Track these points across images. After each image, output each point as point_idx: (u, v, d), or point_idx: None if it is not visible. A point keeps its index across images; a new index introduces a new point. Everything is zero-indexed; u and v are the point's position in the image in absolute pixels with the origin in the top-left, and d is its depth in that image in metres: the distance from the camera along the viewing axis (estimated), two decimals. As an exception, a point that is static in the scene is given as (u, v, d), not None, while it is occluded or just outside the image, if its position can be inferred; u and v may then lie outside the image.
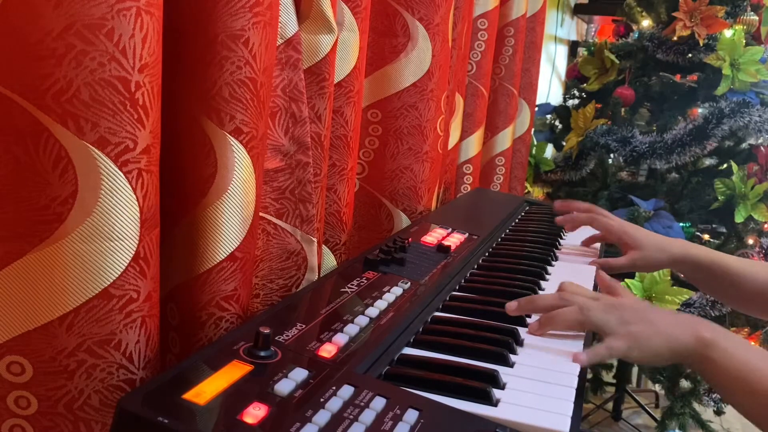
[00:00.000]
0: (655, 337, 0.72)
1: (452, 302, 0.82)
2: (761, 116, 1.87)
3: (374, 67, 1.05)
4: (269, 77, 0.65)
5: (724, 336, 0.72)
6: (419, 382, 0.60)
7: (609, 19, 3.17)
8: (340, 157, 0.90)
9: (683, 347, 0.72)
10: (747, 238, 1.95)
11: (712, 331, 0.72)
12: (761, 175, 1.95)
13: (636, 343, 0.72)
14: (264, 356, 0.54)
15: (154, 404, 0.46)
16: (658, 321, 0.74)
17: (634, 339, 0.72)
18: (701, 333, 0.71)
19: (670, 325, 0.73)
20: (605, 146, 2.01)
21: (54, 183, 0.47)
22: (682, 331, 0.72)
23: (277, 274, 0.76)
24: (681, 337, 0.72)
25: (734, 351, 0.70)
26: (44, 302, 0.49)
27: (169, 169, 0.58)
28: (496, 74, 1.73)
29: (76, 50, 0.45)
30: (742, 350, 0.71)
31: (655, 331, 0.73)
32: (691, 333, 0.72)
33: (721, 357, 0.70)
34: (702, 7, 1.90)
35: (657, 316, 0.75)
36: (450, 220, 1.11)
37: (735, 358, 0.69)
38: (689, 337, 0.72)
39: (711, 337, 0.71)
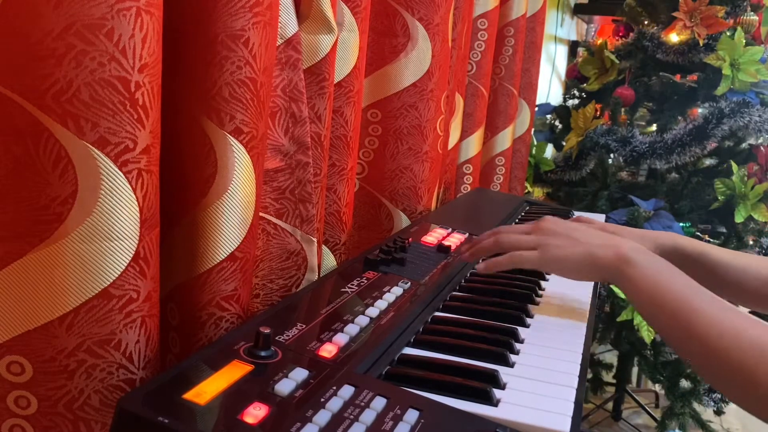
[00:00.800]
0: (572, 248, 0.74)
1: (452, 302, 0.82)
2: (761, 116, 1.87)
3: (374, 67, 1.05)
4: (269, 77, 0.65)
5: (643, 254, 0.73)
6: (419, 382, 0.60)
7: (609, 19, 3.17)
8: (340, 157, 0.90)
9: (602, 261, 0.74)
10: (747, 238, 1.95)
11: (633, 249, 0.73)
12: (761, 175, 1.95)
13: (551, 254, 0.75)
14: (264, 356, 0.54)
15: (154, 404, 0.46)
16: (581, 236, 0.76)
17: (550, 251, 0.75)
18: (621, 249, 0.73)
19: (594, 240, 0.75)
20: (605, 146, 2.01)
21: (54, 183, 0.47)
22: (603, 247, 0.74)
23: (277, 274, 0.76)
24: (601, 252, 0.74)
25: (649, 268, 0.71)
26: (44, 302, 0.49)
27: (169, 169, 0.58)
28: (496, 74, 1.73)
29: (76, 50, 0.45)
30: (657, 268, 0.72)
31: (575, 243, 0.75)
32: (612, 250, 0.73)
33: (637, 273, 0.72)
34: (702, 7, 1.90)
35: (581, 233, 0.77)
36: (450, 220, 1.11)
37: (649, 275, 0.71)
38: (610, 252, 0.73)
39: (630, 255, 0.72)
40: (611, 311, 2.01)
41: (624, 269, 0.73)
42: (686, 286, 0.71)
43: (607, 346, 2.21)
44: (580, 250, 0.75)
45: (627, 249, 0.74)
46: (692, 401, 1.97)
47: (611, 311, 2.01)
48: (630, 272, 0.73)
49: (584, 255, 0.74)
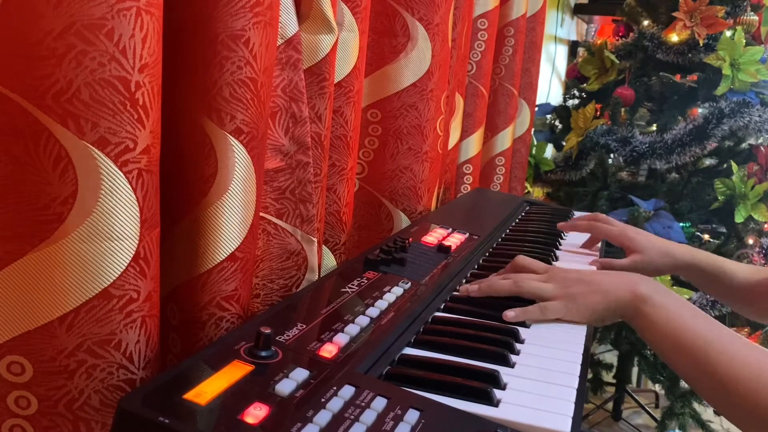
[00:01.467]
0: (593, 295, 0.75)
1: (453, 302, 0.82)
2: (761, 116, 1.87)
3: (374, 67, 1.05)
4: (269, 77, 0.65)
5: (659, 292, 0.73)
6: (420, 382, 0.60)
7: (609, 19, 3.17)
8: (340, 157, 0.90)
9: (620, 302, 0.74)
10: (747, 238, 1.95)
11: (649, 287, 0.74)
12: (761, 175, 1.95)
13: (573, 302, 0.75)
14: (265, 356, 0.54)
15: (154, 404, 0.46)
16: (598, 281, 0.77)
17: (571, 298, 0.75)
18: (638, 288, 0.73)
19: (610, 284, 0.76)
20: (605, 146, 2.01)
21: (54, 183, 0.47)
22: (620, 288, 0.75)
23: (277, 274, 0.76)
24: (618, 293, 0.74)
25: (667, 307, 0.72)
26: (44, 302, 0.49)
27: (169, 169, 0.58)
28: (496, 74, 1.73)
29: (76, 50, 0.45)
30: (675, 307, 0.72)
31: (594, 290, 0.75)
32: (628, 289, 0.74)
33: (653, 312, 0.72)
34: (702, 7, 1.90)
35: (598, 278, 0.78)
36: (450, 220, 1.11)
37: (666, 314, 0.71)
38: (626, 293, 0.74)
39: (646, 293, 0.73)
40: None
41: (641, 308, 0.73)
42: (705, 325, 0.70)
43: (607, 346, 2.21)
44: (600, 298, 0.75)
45: (643, 288, 0.74)
46: (692, 401, 1.97)
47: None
48: (647, 311, 0.73)
49: (603, 299, 0.75)
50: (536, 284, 0.78)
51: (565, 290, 0.76)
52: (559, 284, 0.78)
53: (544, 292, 0.77)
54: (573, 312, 0.75)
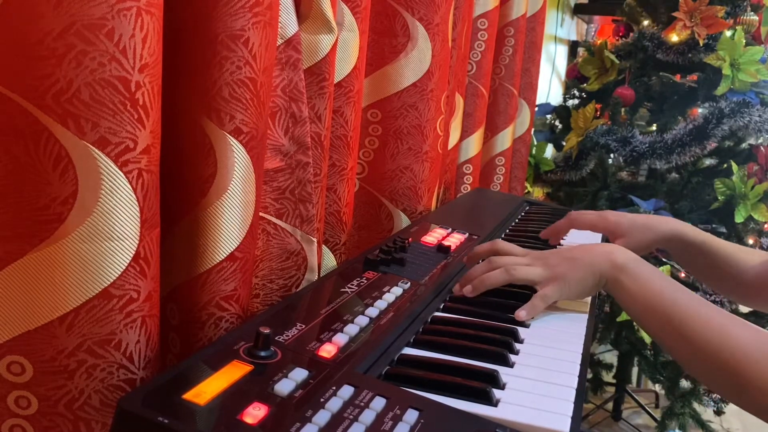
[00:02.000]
0: (579, 270, 0.78)
1: (452, 302, 0.82)
2: (761, 116, 1.87)
3: (374, 67, 1.05)
4: (269, 77, 0.65)
5: (634, 261, 0.77)
6: (419, 382, 0.60)
7: (609, 19, 3.17)
8: (340, 157, 0.90)
9: (603, 273, 0.78)
10: (747, 238, 1.95)
11: (624, 255, 0.78)
12: (761, 175, 1.95)
13: (564, 282, 0.78)
14: (264, 356, 0.54)
15: (154, 404, 0.46)
16: (579, 255, 0.80)
17: (562, 278, 0.78)
18: (614, 257, 0.77)
19: (590, 255, 0.79)
20: (605, 146, 2.01)
21: (54, 183, 0.47)
22: (600, 259, 0.78)
23: (277, 274, 0.76)
24: (600, 264, 0.78)
25: (641, 275, 0.76)
26: (44, 302, 0.49)
27: (169, 169, 0.58)
28: (496, 74, 1.73)
29: (76, 50, 0.45)
30: (648, 275, 0.76)
31: (578, 265, 0.79)
32: (607, 258, 0.78)
33: (629, 279, 0.76)
34: (702, 7, 1.90)
35: (577, 252, 0.81)
36: (450, 220, 1.11)
37: (640, 281, 0.75)
38: (606, 263, 0.77)
39: (622, 262, 0.77)
40: (611, 311, 2.01)
41: (618, 276, 0.77)
42: (677, 292, 0.74)
43: (607, 346, 2.21)
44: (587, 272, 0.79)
45: (619, 257, 0.78)
46: (692, 401, 1.97)
47: (611, 311, 2.01)
48: (623, 279, 0.77)
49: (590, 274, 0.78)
50: (526, 269, 0.80)
51: (553, 271, 0.79)
52: (545, 266, 0.80)
53: (535, 276, 0.80)
54: (567, 291, 0.79)
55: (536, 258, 0.82)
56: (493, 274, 0.81)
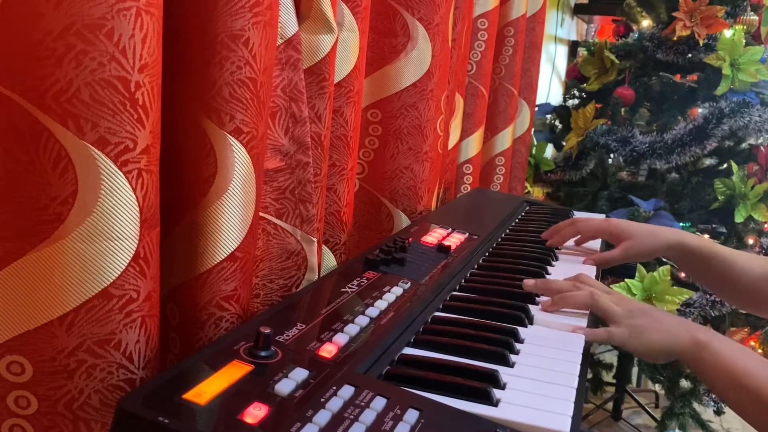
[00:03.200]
0: (656, 333, 0.78)
1: (452, 302, 0.82)
2: (761, 116, 1.87)
3: (374, 67, 1.05)
4: (269, 77, 0.65)
5: (717, 338, 0.77)
6: (419, 382, 0.60)
7: (609, 19, 3.17)
8: (340, 157, 0.90)
9: (680, 346, 0.77)
10: (747, 238, 1.95)
11: (708, 334, 0.77)
12: (761, 175, 1.95)
13: (637, 335, 0.78)
14: (264, 356, 0.54)
15: (154, 404, 0.46)
16: (661, 319, 0.80)
17: (636, 330, 0.78)
18: (697, 335, 0.77)
19: (672, 325, 0.79)
20: (605, 146, 2.01)
21: (54, 183, 0.47)
22: (681, 331, 0.78)
23: (277, 274, 0.76)
24: (679, 337, 0.77)
25: (724, 352, 0.75)
26: (44, 302, 0.49)
27: (169, 169, 0.58)
28: (496, 74, 1.73)
29: (76, 50, 0.45)
30: (732, 351, 0.75)
31: (657, 328, 0.78)
32: (688, 334, 0.77)
33: (713, 357, 0.75)
34: (702, 7, 1.90)
35: (661, 315, 0.81)
36: (450, 220, 1.11)
37: (725, 358, 0.74)
38: (687, 338, 0.77)
39: (705, 339, 0.76)
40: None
41: (701, 355, 0.76)
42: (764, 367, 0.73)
43: (607, 346, 2.21)
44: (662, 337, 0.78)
45: (702, 335, 0.77)
46: (692, 401, 1.97)
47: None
48: (707, 357, 0.75)
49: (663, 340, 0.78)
50: (610, 304, 0.81)
51: (631, 320, 0.79)
52: (626, 311, 0.81)
53: (614, 314, 0.80)
54: (635, 343, 0.78)
55: (620, 298, 0.83)
56: (578, 295, 0.82)
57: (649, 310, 0.82)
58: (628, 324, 0.79)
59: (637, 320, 0.79)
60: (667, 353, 0.78)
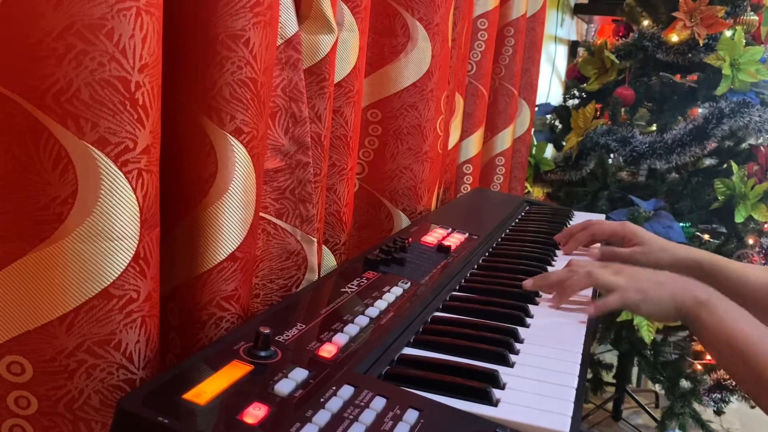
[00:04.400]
0: (663, 293, 0.80)
1: (452, 302, 0.82)
2: (761, 116, 1.87)
3: (374, 67, 1.05)
4: (269, 77, 0.65)
5: (717, 298, 0.78)
6: (419, 382, 0.60)
7: (609, 19, 3.17)
8: (340, 157, 0.90)
9: (682, 304, 0.79)
10: (747, 238, 1.95)
11: (708, 293, 0.78)
12: (761, 175, 1.95)
13: (646, 297, 0.80)
14: (264, 356, 0.54)
15: (154, 404, 0.46)
16: (665, 280, 0.82)
17: (645, 293, 0.80)
18: (697, 293, 0.78)
19: (676, 284, 0.81)
20: (605, 146, 2.01)
21: (54, 183, 0.47)
22: (684, 290, 0.80)
23: (277, 274, 0.76)
24: (682, 294, 0.79)
25: (723, 313, 0.76)
26: (44, 302, 0.49)
27: (169, 169, 0.58)
28: (496, 74, 1.73)
29: (76, 50, 0.45)
30: (731, 313, 0.76)
31: (663, 288, 0.80)
32: (689, 292, 0.79)
33: (710, 317, 0.76)
34: (702, 7, 1.90)
35: (663, 277, 0.83)
36: (450, 220, 1.11)
37: (722, 319, 0.75)
38: (688, 295, 0.79)
39: (704, 298, 0.77)
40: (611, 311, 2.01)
41: (699, 312, 0.77)
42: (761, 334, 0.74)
43: (607, 346, 2.21)
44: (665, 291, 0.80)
45: (702, 292, 0.79)
46: (692, 401, 1.97)
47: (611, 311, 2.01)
48: (704, 316, 0.77)
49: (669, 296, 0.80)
50: (610, 277, 0.82)
51: (637, 284, 0.81)
52: (629, 278, 0.82)
53: (617, 285, 0.81)
54: (644, 306, 0.80)
55: (618, 269, 0.84)
56: (578, 279, 0.83)
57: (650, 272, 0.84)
58: (635, 288, 0.80)
59: (642, 284, 0.81)
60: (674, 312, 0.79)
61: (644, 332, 1.84)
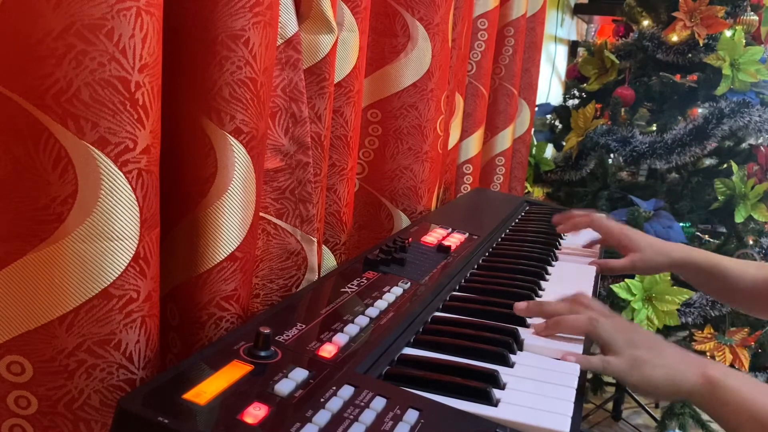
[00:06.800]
0: (659, 368, 0.71)
1: (452, 302, 0.82)
2: (761, 116, 1.87)
3: (374, 67, 1.05)
4: (269, 77, 0.65)
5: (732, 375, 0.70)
6: (419, 382, 0.60)
7: (609, 19, 3.17)
8: (340, 157, 0.90)
9: (688, 384, 0.70)
10: (747, 238, 1.95)
11: (719, 370, 0.70)
12: (761, 175, 1.95)
13: (637, 368, 0.71)
14: (264, 356, 0.54)
15: (154, 404, 0.46)
16: (666, 353, 0.73)
17: (637, 363, 0.71)
18: (708, 371, 0.69)
19: (677, 360, 0.72)
20: (605, 146, 2.01)
21: (54, 183, 0.47)
22: (688, 368, 0.71)
23: (277, 274, 0.76)
24: (686, 373, 0.70)
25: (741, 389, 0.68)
26: (44, 302, 0.49)
27: (169, 169, 0.58)
28: (496, 74, 1.73)
29: (76, 50, 0.45)
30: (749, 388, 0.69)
31: (661, 362, 0.71)
32: (697, 371, 0.70)
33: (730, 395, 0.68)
34: (702, 7, 1.90)
35: (666, 349, 0.74)
36: (450, 220, 1.11)
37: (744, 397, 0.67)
38: (695, 375, 0.70)
39: (718, 377, 0.69)
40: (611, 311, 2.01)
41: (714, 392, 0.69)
42: None
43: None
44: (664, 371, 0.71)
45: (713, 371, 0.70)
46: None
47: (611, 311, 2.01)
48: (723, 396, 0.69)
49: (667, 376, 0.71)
50: (610, 331, 0.74)
51: (632, 350, 0.72)
52: (627, 340, 0.73)
53: (614, 343, 0.73)
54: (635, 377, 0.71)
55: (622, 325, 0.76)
56: (576, 318, 0.76)
57: (654, 340, 0.75)
58: (628, 355, 0.71)
59: (639, 351, 0.72)
60: (672, 390, 0.71)
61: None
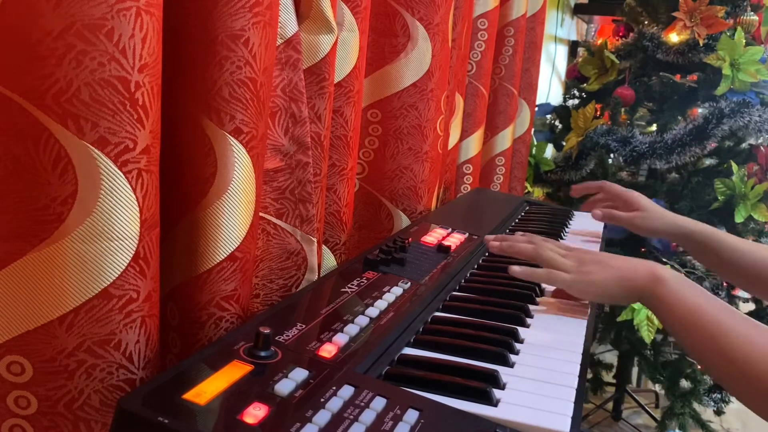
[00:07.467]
0: (605, 273, 0.77)
1: (452, 302, 0.82)
2: (761, 116, 1.87)
3: (374, 67, 1.05)
4: (269, 77, 0.65)
5: (675, 276, 0.75)
6: (419, 382, 0.60)
7: (609, 19, 3.17)
8: (340, 157, 0.90)
9: (636, 282, 0.76)
10: (747, 238, 1.95)
11: (666, 271, 0.76)
12: (761, 175, 1.95)
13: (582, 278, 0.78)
14: (264, 356, 0.54)
15: (154, 404, 0.46)
16: (614, 263, 0.79)
17: (582, 274, 0.78)
18: (656, 270, 0.75)
19: (626, 266, 0.78)
20: (605, 146, 2.01)
21: (54, 183, 0.47)
22: (637, 268, 0.76)
23: (277, 274, 0.76)
24: (635, 275, 0.76)
25: (682, 289, 0.73)
26: (44, 302, 0.49)
27: (169, 169, 0.58)
28: (496, 74, 1.73)
29: (76, 50, 0.45)
30: (690, 290, 0.74)
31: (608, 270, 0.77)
32: (646, 270, 0.76)
33: (669, 293, 0.73)
34: (702, 7, 1.90)
35: (614, 260, 0.80)
36: (450, 220, 1.11)
37: (681, 296, 0.73)
38: (644, 273, 0.75)
39: (664, 276, 0.74)
40: (611, 311, 2.01)
41: (657, 290, 0.74)
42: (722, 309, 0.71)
43: (607, 346, 2.21)
44: (612, 273, 0.77)
45: (661, 271, 0.75)
46: (692, 401, 1.97)
47: (611, 311, 2.01)
48: (664, 292, 0.74)
49: (616, 278, 0.77)
50: (555, 255, 0.81)
51: (580, 267, 0.79)
52: (576, 262, 0.80)
53: (560, 264, 0.79)
54: (580, 288, 0.78)
55: (573, 254, 0.83)
56: (523, 245, 0.84)
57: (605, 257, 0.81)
58: (575, 271, 0.78)
59: (586, 267, 0.78)
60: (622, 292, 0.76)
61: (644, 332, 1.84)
